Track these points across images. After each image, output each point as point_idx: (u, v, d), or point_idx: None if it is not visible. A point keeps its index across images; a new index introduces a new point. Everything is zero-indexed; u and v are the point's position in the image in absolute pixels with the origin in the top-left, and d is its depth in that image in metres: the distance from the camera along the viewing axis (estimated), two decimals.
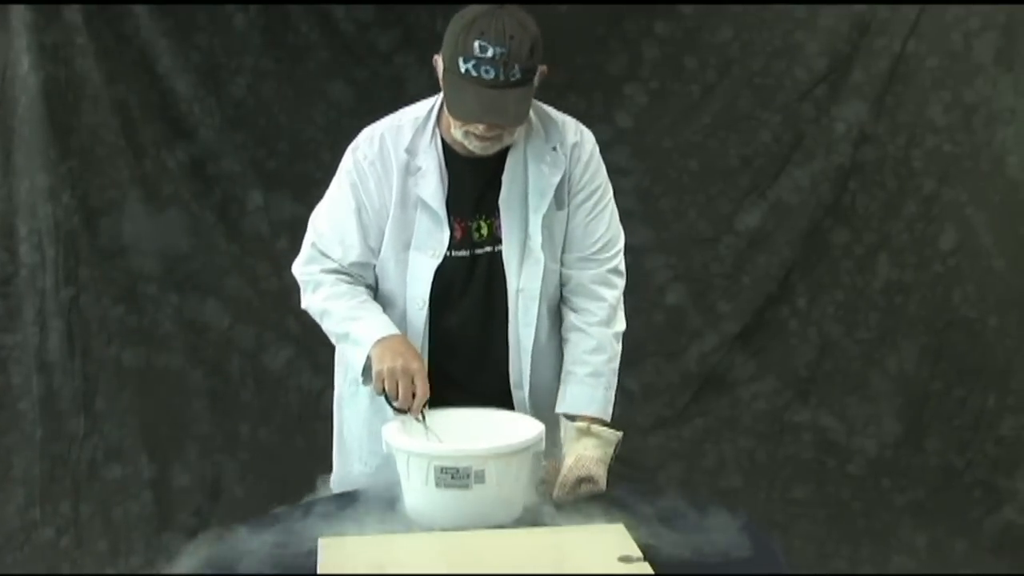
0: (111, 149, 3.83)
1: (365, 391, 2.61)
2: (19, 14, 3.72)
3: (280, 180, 3.88)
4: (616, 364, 2.56)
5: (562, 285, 2.57)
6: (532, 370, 2.55)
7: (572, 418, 2.50)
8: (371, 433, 2.62)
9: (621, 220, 2.66)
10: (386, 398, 2.43)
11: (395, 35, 3.90)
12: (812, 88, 4.02)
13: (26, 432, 3.86)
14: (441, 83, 2.38)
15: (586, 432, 2.45)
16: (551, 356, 2.60)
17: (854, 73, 4.00)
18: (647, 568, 2.02)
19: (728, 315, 4.11)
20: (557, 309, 2.60)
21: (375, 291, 2.56)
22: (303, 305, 2.58)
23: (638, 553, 2.08)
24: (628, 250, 4.03)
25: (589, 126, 2.62)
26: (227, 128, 3.91)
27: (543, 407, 2.55)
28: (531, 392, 2.56)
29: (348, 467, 2.69)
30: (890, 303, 4.10)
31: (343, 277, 2.52)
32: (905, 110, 4.02)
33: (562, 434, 2.52)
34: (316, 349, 2.74)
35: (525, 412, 2.53)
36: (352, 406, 2.68)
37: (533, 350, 2.54)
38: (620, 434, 2.48)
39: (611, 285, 2.57)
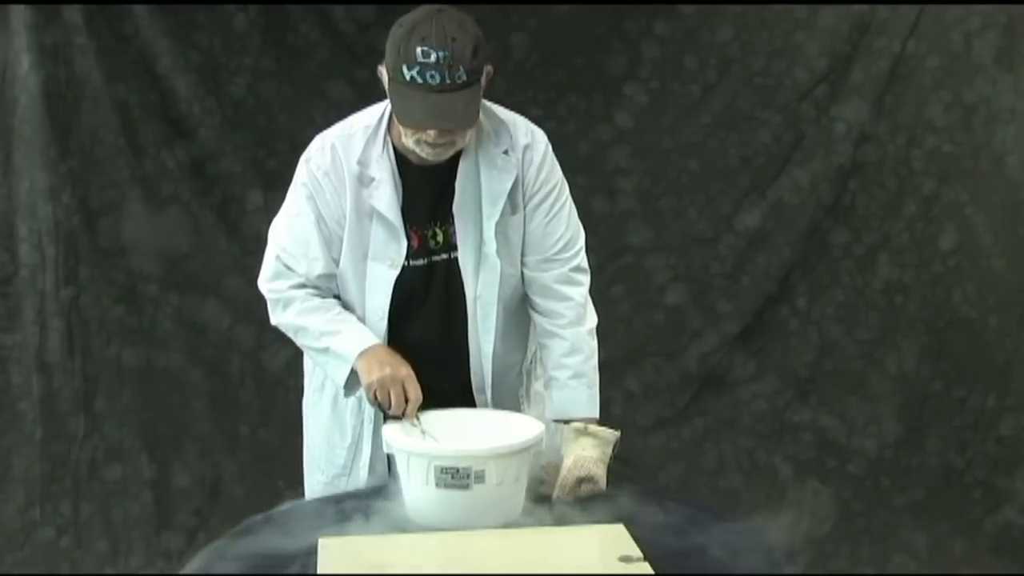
0: (111, 149, 3.83)
1: (328, 399, 2.62)
2: (19, 14, 3.72)
3: (280, 180, 3.81)
4: (595, 360, 2.56)
5: (527, 288, 2.56)
6: (493, 374, 2.55)
7: (565, 422, 2.50)
8: (329, 444, 2.63)
9: (622, 220, 2.66)
10: (380, 408, 2.43)
11: None
12: (812, 88, 4.02)
13: (26, 432, 3.86)
14: (388, 93, 2.36)
15: (584, 432, 2.45)
16: (512, 359, 2.61)
17: (854, 73, 4.00)
18: (647, 568, 2.02)
19: (728, 315, 4.11)
20: (516, 312, 2.59)
21: (341, 301, 2.55)
22: (273, 322, 2.56)
23: (638, 553, 2.08)
24: (628, 250, 4.06)
25: (589, 126, 2.61)
26: (227, 128, 3.91)
27: (504, 407, 2.55)
28: (493, 396, 2.56)
29: (312, 476, 2.70)
30: (890, 303, 4.10)
31: (312, 291, 2.51)
32: (905, 110, 4.02)
33: (560, 437, 2.52)
34: None
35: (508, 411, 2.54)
36: (314, 415, 2.68)
37: (493, 354, 2.54)
38: (618, 433, 2.48)
39: (576, 283, 2.56)
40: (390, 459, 2.44)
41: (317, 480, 2.66)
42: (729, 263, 4.10)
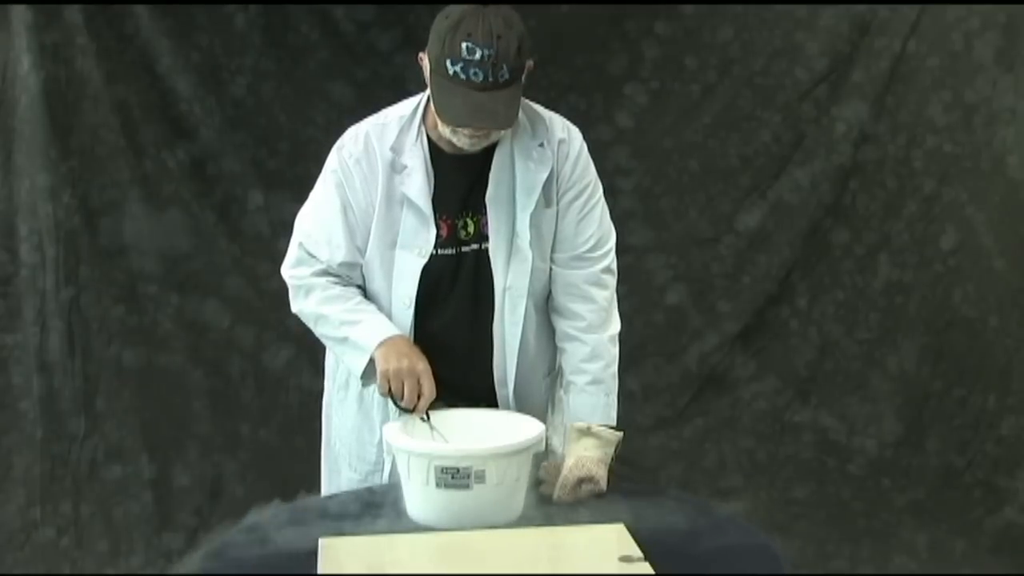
0: (111, 149, 3.84)
1: (354, 396, 2.61)
2: (19, 14, 3.72)
3: (280, 180, 3.88)
4: (615, 368, 2.54)
5: (552, 285, 2.55)
6: (517, 368, 2.53)
7: None
8: (359, 440, 2.62)
9: (622, 220, 2.65)
10: (392, 399, 2.42)
11: (395, 35, 3.90)
12: (813, 88, 4.03)
13: (26, 432, 3.87)
14: (428, 84, 2.37)
15: (586, 432, 2.45)
16: (537, 354, 2.59)
17: (854, 73, 4.01)
18: (647, 568, 2.02)
19: (728, 315, 4.12)
20: (544, 307, 2.58)
21: (363, 291, 2.54)
22: (294, 309, 2.55)
23: (638, 553, 2.07)
24: (629, 250, 4.05)
25: (590, 126, 2.61)
26: (227, 128, 3.91)
27: (528, 405, 2.54)
28: (515, 390, 2.54)
29: (337, 474, 2.68)
30: (890, 303, 4.10)
31: (334, 279, 2.50)
32: (905, 110, 4.02)
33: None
34: (316, 349, 2.73)
35: (509, 410, 2.53)
36: (341, 412, 2.67)
37: (519, 348, 2.52)
38: (620, 434, 2.48)
39: (603, 285, 2.55)
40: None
41: (350, 478, 2.64)
42: (729, 263, 4.10)
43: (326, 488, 2.68)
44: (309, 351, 3.77)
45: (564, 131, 2.51)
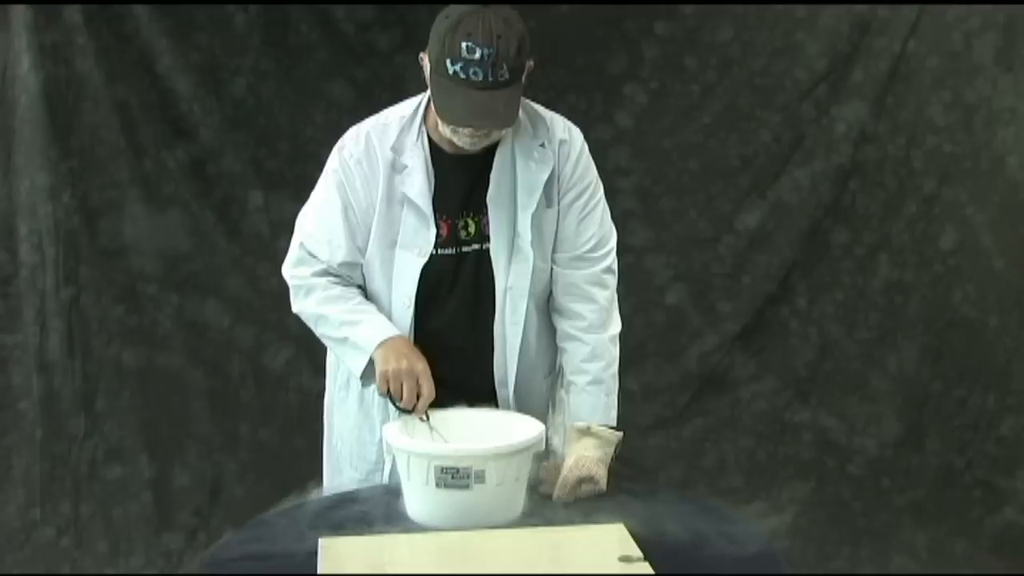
0: (111, 149, 3.84)
1: (355, 396, 2.61)
2: (19, 14, 3.72)
3: (280, 180, 3.89)
4: (615, 368, 2.55)
5: (553, 286, 2.56)
6: (518, 368, 2.54)
7: None
8: (359, 439, 2.63)
9: (621, 220, 2.66)
10: (391, 399, 2.42)
11: (395, 35, 3.90)
12: (812, 88, 4.03)
13: (26, 432, 3.87)
14: (428, 84, 2.37)
15: (586, 432, 2.45)
16: (538, 355, 2.60)
17: (854, 73, 4.00)
18: (647, 568, 2.02)
19: (728, 315, 4.11)
20: (545, 308, 2.59)
21: (364, 291, 2.55)
22: (294, 309, 2.56)
23: (638, 553, 2.08)
24: (629, 250, 4.05)
25: (589, 126, 2.62)
26: (227, 128, 3.91)
27: (528, 406, 2.54)
28: (516, 390, 2.55)
29: (339, 473, 2.69)
30: (890, 303, 4.10)
31: (334, 279, 2.51)
32: (905, 110, 4.02)
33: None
34: (316, 349, 2.73)
35: (510, 410, 2.53)
36: (342, 412, 2.67)
37: (520, 348, 2.53)
38: (620, 434, 2.49)
39: (604, 285, 2.55)
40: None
41: (351, 477, 2.65)
42: (729, 263, 4.10)
43: (328, 487, 2.68)
44: (309, 351, 3.78)
45: (565, 131, 2.52)
